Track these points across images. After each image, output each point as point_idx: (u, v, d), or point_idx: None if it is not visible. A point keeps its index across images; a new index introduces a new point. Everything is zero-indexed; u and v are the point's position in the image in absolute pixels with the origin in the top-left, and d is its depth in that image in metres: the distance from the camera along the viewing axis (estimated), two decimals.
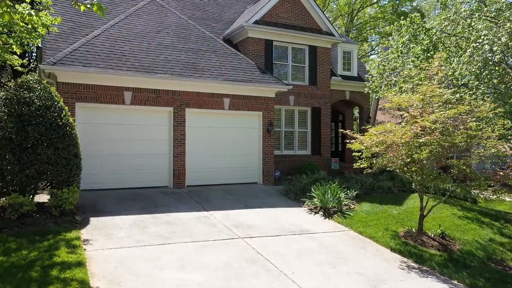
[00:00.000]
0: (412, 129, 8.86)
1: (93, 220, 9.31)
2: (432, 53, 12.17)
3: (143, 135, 12.85)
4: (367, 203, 12.78)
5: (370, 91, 17.25)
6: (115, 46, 12.96)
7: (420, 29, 12.41)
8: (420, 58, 12.67)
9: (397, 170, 9.74)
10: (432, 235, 10.30)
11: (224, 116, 14.22)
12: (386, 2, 46.00)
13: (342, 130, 11.63)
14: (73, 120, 10.02)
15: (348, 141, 10.12)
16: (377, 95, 16.50)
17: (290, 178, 14.58)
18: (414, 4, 45.78)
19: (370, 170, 9.96)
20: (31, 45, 11.76)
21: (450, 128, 9.05)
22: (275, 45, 17.01)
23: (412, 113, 9.69)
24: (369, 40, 45.84)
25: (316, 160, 17.50)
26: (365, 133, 10.20)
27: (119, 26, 13.87)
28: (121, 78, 12.17)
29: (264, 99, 14.79)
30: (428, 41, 12.18)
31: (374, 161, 9.84)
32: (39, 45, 11.20)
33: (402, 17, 41.10)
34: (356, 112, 25.46)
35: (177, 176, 13.13)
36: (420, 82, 10.46)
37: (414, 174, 9.60)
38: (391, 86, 16.29)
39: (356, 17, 44.19)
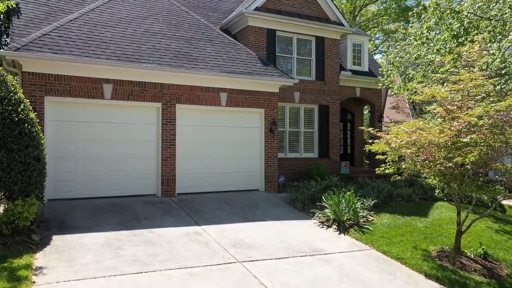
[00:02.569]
0: (454, 125, 7.06)
1: (56, 239, 7.48)
2: (463, 39, 10.38)
3: (126, 135, 11.04)
4: (386, 214, 10.97)
5: (385, 87, 15.49)
6: (94, 32, 11.17)
7: (448, 12, 10.62)
8: (447, 46, 10.88)
9: (431, 177, 7.90)
10: (472, 256, 8.49)
11: (221, 114, 12.41)
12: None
13: (364, 127, 9.84)
14: (35, 116, 8.23)
15: (371, 141, 8.33)
16: (393, 91, 14.72)
17: (296, 184, 12.75)
18: None
19: (398, 177, 8.13)
20: None
21: (500, 124, 7.26)
22: (278, 35, 15.22)
23: (448, 107, 7.90)
24: (372, 39, 44.07)
25: (324, 164, 15.68)
26: (387, 133, 8.41)
27: (100, 10, 12.09)
28: (99, 68, 10.37)
29: (267, 95, 12.99)
30: (458, 25, 10.38)
31: (403, 166, 8.01)
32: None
33: (406, 12, 39.33)
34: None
35: (166, 183, 11.31)
36: (455, 71, 8.65)
37: (453, 182, 7.79)
38: (407, 80, 14.53)
39: (359, 15, 42.49)
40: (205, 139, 12.11)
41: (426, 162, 7.50)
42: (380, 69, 16.07)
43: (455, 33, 10.45)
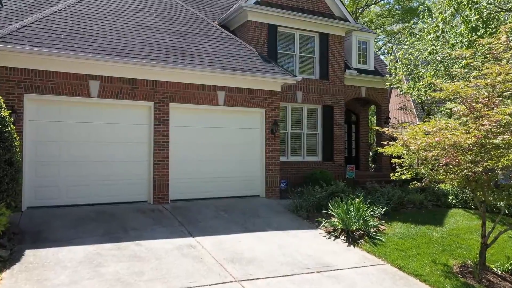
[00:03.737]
0: (485, 125, 6.15)
1: (28, 254, 6.56)
2: (482, 31, 9.49)
3: (115, 136, 10.13)
4: (398, 222, 10.07)
5: (392, 86, 14.61)
6: (80, 25, 10.28)
7: (465, 2, 9.73)
8: (464, 40, 10.00)
9: (450, 182, 6.97)
10: (499, 272, 7.59)
11: (218, 114, 11.51)
12: (392, 1, 43.81)
13: (378, 127, 8.95)
14: (9, 115, 7.33)
15: (386, 142, 7.43)
16: (402, 91, 13.85)
17: (300, 190, 11.82)
18: None
19: (417, 184, 7.20)
20: None
21: None
22: (279, 31, 14.34)
23: (473, 104, 7.01)
24: (375, 41, 43.31)
25: (328, 168, 14.77)
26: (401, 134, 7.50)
27: (87, 2, 11.21)
28: (84, 62, 9.47)
29: (268, 93, 12.09)
30: (477, 16, 9.49)
31: (423, 171, 7.09)
32: None
33: (409, 14, 38.66)
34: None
35: (158, 189, 10.40)
36: (478, 65, 7.76)
37: (479, 189, 6.87)
38: (417, 79, 13.67)
39: (361, 16, 41.68)
40: (201, 141, 11.20)
41: (450, 167, 6.58)
42: (388, 67, 15.18)
43: (473, 25, 9.56)
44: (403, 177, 7.34)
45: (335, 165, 15.18)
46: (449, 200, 12.18)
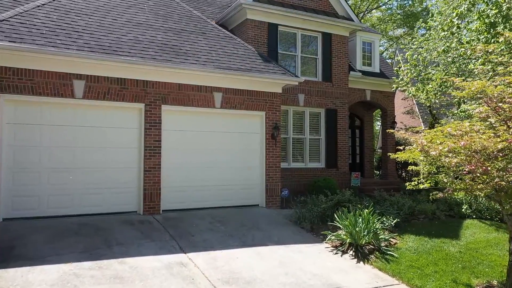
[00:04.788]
0: None
1: None
2: (501, 27, 8.71)
3: (102, 141, 9.31)
4: (411, 235, 9.22)
5: (400, 89, 13.84)
6: (64, 20, 9.49)
7: None
8: (481, 37, 9.21)
9: (482, 194, 6.13)
10: None
11: (215, 117, 10.70)
12: (395, 6, 43.35)
13: (392, 130, 8.12)
14: None
15: (402, 147, 6.60)
16: (410, 93, 13.07)
17: (303, 199, 10.97)
18: (424, 4, 43.02)
19: (440, 194, 6.36)
20: None
21: None
22: (280, 30, 13.57)
23: (500, 104, 6.20)
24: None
25: (332, 175, 13.94)
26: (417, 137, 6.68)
27: None
28: (68, 60, 8.66)
29: (268, 95, 11.29)
30: (495, 11, 8.72)
31: (445, 180, 6.25)
32: None
33: (411, 18, 38.18)
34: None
35: (149, 198, 9.56)
36: (504, 61, 6.96)
37: (510, 200, 6.04)
38: (426, 81, 12.89)
39: (362, 21, 41.10)
40: (196, 147, 10.38)
41: (477, 175, 5.75)
42: (395, 68, 14.40)
43: (491, 20, 8.78)
44: (421, 186, 6.51)
45: (339, 172, 14.35)
46: (463, 210, 11.33)
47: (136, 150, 9.64)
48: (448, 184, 6.13)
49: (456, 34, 9.91)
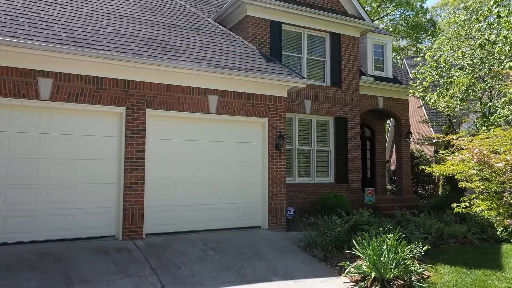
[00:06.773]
0: None
1: None
2: None
3: (73, 152, 7.77)
4: (445, 265, 7.63)
5: (417, 95, 12.39)
6: (32, 9, 8.05)
7: None
8: None
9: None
10: None
11: (209, 124, 9.18)
12: (397, 16, 42.51)
13: (450, 136, 6.56)
14: None
15: (451, 155, 5.08)
16: (431, 99, 11.62)
17: (313, 220, 9.36)
18: (428, 16, 42.21)
19: (509, 221, 4.80)
20: None
21: None
22: (284, 29, 12.16)
23: None
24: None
25: (342, 191, 12.37)
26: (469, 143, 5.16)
27: None
28: (31, 54, 7.18)
29: (271, 99, 9.80)
30: None
31: None
32: None
33: (415, 29, 37.17)
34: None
35: (130, 220, 7.98)
36: None
37: None
38: (448, 85, 11.44)
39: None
40: (187, 159, 8.84)
41: None
42: (413, 71, 12.91)
43: None
44: (475, 209, 4.95)
45: (350, 188, 12.78)
46: (498, 232, 9.74)
47: (115, 162, 8.09)
48: None
49: (495, 24, 8.43)
